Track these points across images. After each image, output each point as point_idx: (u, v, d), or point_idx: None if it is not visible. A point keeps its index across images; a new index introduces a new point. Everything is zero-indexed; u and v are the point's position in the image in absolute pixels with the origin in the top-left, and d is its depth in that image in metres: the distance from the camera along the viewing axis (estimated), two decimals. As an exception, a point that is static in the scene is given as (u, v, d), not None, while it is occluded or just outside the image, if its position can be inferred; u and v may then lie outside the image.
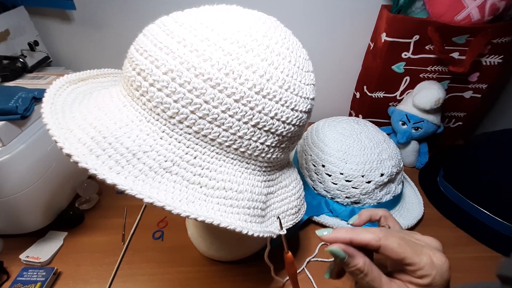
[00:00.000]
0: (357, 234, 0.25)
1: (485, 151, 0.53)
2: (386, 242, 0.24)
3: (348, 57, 0.71)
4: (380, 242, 0.24)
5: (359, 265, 0.24)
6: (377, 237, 0.24)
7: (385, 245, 0.24)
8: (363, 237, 0.25)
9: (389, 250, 0.24)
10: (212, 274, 0.43)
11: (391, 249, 0.24)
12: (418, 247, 0.25)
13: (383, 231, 0.25)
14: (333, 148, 0.50)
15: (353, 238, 0.25)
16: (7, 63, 0.53)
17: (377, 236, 0.25)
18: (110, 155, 0.24)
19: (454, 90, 0.63)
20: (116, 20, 0.65)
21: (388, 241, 0.24)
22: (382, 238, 0.24)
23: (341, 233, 0.25)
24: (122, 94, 0.29)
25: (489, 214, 0.49)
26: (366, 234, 0.25)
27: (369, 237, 0.25)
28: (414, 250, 0.24)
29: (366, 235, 0.25)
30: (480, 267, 0.45)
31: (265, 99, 0.27)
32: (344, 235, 0.25)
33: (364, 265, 0.24)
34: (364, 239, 0.25)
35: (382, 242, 0.24)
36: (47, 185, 0.45)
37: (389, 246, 0.24)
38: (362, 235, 0.25)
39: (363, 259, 0.25)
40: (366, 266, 0.24)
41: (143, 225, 0.50)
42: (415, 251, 0.24)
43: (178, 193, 0.26)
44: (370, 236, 0.25)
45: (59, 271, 0.42)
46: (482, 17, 0.52)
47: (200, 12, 0.28)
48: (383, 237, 0.25)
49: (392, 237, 0.25)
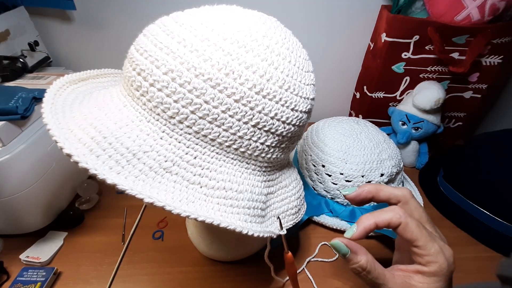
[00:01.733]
0: (379, 215, 0.25)
1: (485, 151, 0.53)
2: (406, 220, 0.25)
3: (348, 57, 0.71)
4: (401, 220, 0.25)
5: (361, 262, 0.24)
6: (398, 215, 0.25)
7: (405, 223, 0.25)
8: (385, 216, 0.25)
9: (407, 229, 0.25)
10: (212, 274, 0.43)
11: (409, 228, 0.25)
12: (433, 236, 0.25)
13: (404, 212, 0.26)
14: (333, 148, 0.50)
15: (377, 221, 0.25)
16: (7, 63, 0.53)
17: (398, 214, 0.25)
18: (110, 155, 0.24)
19: (454, 90, 0.63)
20: (116, 20, 0.65)
21: (408, 220, 0.25)
22: (403, 217, 0.25)
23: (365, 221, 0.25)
24: (122, 94, 0.29)
25: (489, 214, 0.49)
26: (388, 213, 0.25)
27: (390, 215, 0.25)
28: (429, 236, 0.25)
29: (388, 214, 0.25)
30: (480, 267, 0.45)
31: (265, 99, 0.27)
32: (368, 221, 0.25)
33: (367, 262, 0.24)
34: (386, 217, 0.25)
35: (402, 220, 0.25)
36: (47, 185, 0.45)
37: (409, 226, 0.25)
38: (384, 215, 0.25)
39: (365, 257, 0.25)
40: (369, 263, 0.25)
41: (143, 225, 0.50)
42: (429, 236, 0.25)
43: (178, 193, 0.26)
44: (391, 214, 0.25)
45: (59, 271, 0.42)
46: (482, 17, 0.52)
47: (200, 12, 0.28)
48: (403, 216, 0.25)
49: (411, 218, 0.25)
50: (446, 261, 0.24)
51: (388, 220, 0.25)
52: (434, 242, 0.25)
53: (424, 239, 0.24)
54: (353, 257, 0.25)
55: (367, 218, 0.25)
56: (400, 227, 0.25)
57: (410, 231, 0.25)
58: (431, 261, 0.24)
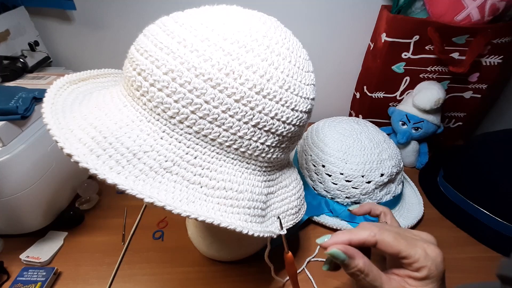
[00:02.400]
0: (354, 233, 0.25)
1: (485, 151, 0.53)
2: (382, 236, 0.25)
3: (348, 57, 0.71)
4: (376, 237, 0.25)
5: (359, 266, 0.24)
6: (373, 233, 0.25)
7: (381, 240, 0.25)
8: (360, 235, 0.25)
9: (385, 244, 0.25)
10: (212, 274, 0.43)
11: (387, 243, 0.25)
12: (413, 241, 0.25)
13: (378, 226, 0.26)
14: (333, 148, 0.50)
15: (351, 238, 0.25)
16: (7, 63, 0.53)
17: (373, 232, 0.25)
18: (111, 155, 0.24)
19: (454, 90, 0.63)
20: (116, 20, 0.65)
21: (384, 235, 0.25)
22: (378, 233, 0.25)
23: (339, 236, 0.26)
24: (122, 94, 0.29)
25: (489, 214, 0.49)
26: (362, 231, 0.25)
27: (365, 234, 0.25)
28: (409, 243, 0.25)
29: (362, 233, 0.25)
30: (480, 267, 0.45)
31: (265, 99, 0.27)
32: (342, 237, 0.25)
33: (365, 265, 0.25)
34: (361, 237, 0.25)
35: (378, 237, 0.25)
36: (47, 185, 0.44)
37: (385, 240, 0.25)
38: (358, 233, 0.25)
39: (362, 260, 0.25)
40: (366, 266, 0.25)
41: (143, 225, 0.50)
42: (409, 244, 0.25)
43: (178, 193, 0.26)
44: (367, 232, 0.25)
45: (59, 271, 0.42)
46: (482, 17, 0.53)
47: (200, 12, 0.28)
48: (378, 232, 0.25)
49: (386, 231, 0.25)
50: (433, 262, 0.24)
51: (363, 240, 0.25)
52: (416, 247, 0.25)
53: (404, 248, 0.24)
54: (350, 262, 0.25)
55: (342, 234, 0.26)
56: (378, 245, 0.25)
57: (389, 246, 0.25)
58: (419, 267, 0.24)
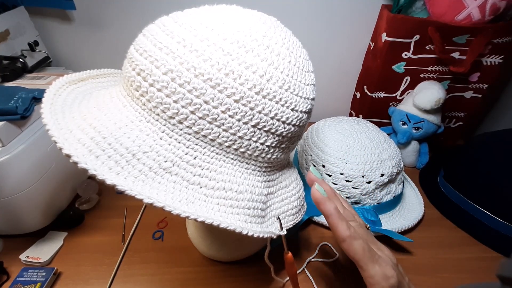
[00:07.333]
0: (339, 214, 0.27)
1: (485, 151, 0.53)
2: (352, 241, 0.26)
3: (348, 57, 0.71)
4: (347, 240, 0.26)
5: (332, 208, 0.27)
6: (348, 232, 0.26)
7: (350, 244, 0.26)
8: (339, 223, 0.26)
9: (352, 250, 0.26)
10: (212, 274, 0.43)
11: (354, 249, 0.26)
12: (376, 256, 0.26)
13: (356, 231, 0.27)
14: (333, 148, 0.50)
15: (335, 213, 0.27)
16: (7, 63, 0.53)
17: (349, 232, 0.26)
18: (110, 156, 0.24)
19: (454, 90, 0.63)
20: (116, 20, 0.65)
21: (355, 242, 0.26)
22: (353, 235, 0.26)
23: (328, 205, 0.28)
24: (121, 94, 0.29)
25: (489, 214, 0.49)
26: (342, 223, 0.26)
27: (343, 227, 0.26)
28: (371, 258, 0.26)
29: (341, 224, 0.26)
30: (481, 268, 0.45)
31: (265, 99, 0.27)
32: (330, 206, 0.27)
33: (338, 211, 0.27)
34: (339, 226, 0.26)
35: (347, 240, 0.26)
36: (47, 185, 0.44)
37: (353, 247, 0.26)
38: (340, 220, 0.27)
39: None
40: None
41: (143, 225, 0.50)
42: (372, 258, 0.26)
43: (178, 194, 0.26)
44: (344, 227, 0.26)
45: (59, 271, 0.42)
46: (483, 17, 0.52)
47: (200, 12, 0.28)
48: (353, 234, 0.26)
49: (359, 239, 0.26)
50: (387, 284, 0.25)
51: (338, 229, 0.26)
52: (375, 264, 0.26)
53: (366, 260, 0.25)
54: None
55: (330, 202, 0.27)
56: (344, 243, 0.26)
57: (353, 250, 0.26)
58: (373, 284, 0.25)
